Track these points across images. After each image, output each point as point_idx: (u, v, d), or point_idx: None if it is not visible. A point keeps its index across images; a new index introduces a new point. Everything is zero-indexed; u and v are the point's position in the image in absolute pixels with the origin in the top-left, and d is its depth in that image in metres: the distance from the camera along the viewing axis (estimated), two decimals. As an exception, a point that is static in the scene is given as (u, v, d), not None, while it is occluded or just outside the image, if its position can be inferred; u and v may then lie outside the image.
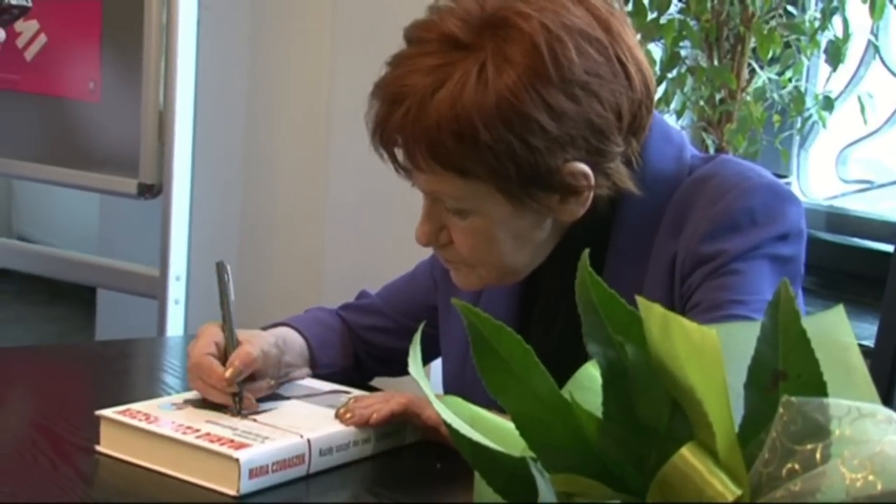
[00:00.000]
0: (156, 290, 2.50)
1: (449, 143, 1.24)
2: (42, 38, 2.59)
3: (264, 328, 1.51)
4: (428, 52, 1.26)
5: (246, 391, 1.36)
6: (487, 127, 1.23)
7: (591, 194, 1.30)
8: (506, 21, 1.25)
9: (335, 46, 2.65)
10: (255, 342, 1.41)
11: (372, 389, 1.49)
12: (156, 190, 2.47)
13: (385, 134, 1.28)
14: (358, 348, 1.58)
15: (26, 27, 2.59)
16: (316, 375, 1.50)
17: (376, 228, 2.58)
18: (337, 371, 1.52)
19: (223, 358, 1.38)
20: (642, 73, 1.30)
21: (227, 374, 1.35)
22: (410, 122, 1.25)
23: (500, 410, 0.76)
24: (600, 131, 1.27)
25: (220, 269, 1.43)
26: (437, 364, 1.55)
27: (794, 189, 2.56)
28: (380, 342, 1.58)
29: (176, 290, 2.49)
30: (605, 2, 1.30)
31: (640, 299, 0.70)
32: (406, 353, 0.78)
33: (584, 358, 0.76)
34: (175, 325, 2.49)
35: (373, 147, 1.30)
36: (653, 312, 0.69)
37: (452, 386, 1.49)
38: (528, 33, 1.24)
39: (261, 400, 1.39)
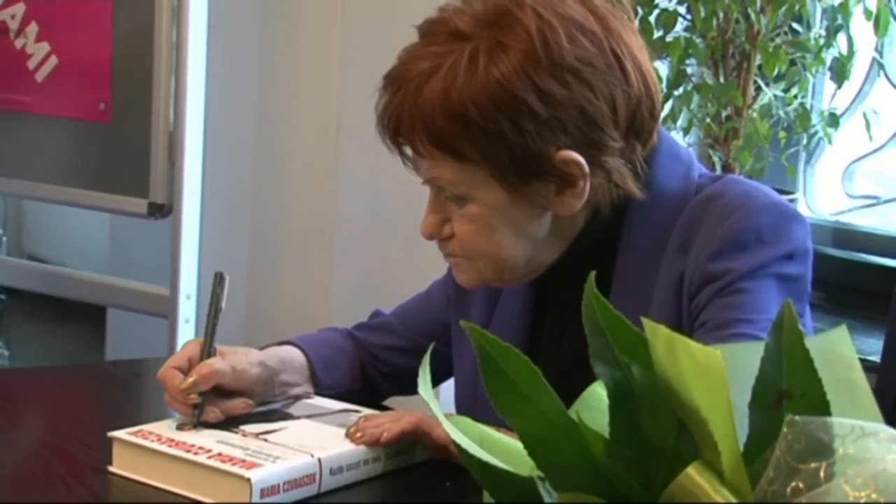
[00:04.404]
0: (166, 310, 2.51)
1: (442, 124, 1.28)
2: (53, 60, 2.60)
3: (264, 347, 1.51)
4: (433, 44, 1.31)
5: (216, 407, 1.36)
6: (477, 106, 1.27)
7: (587, 185, 1.31)
8: (504, 11, 1.30)
9: (345, 65, 2.67)
10: (231, 358, 1.41)
11: (382, 409, 1.50)
12: (166, 209, 2.48)
13: (388, 119, 1.32)
14: (371, 368, 1.59)
15: (38, 49, 2.61)
16: (324, 395, 1.51)
17: (386, 247, 2.59)
18: (344, 392, 1.53)
19: None
20: (642, 73, 1.33)
21: (183, 385, 1.36)
22: (408, 104, 1.30)
23: (510, 429, 0.77)
24: (592, 120, 1.29)
25: (217, 279, 1.43)
26: (447, 383, 1.56)
27: (801, 205, 2.57)
28: (394, 361, 1.58)
29: (186, 309, 2.50)
30: (612, 6, 1.33)
31: (645, 321, 0.71)
32: (420, 372, 0.79)
33: (594, 372, 0.77)
34: (185, 344, 2.50)
35: (379, 136, 1.34)
36: (658, 334, 0.70)
37: (464, 403, 1.50)
38: (522, 21, 1.28)
39: (270, 419, 1.39)
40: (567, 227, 1.36)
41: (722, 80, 2.31)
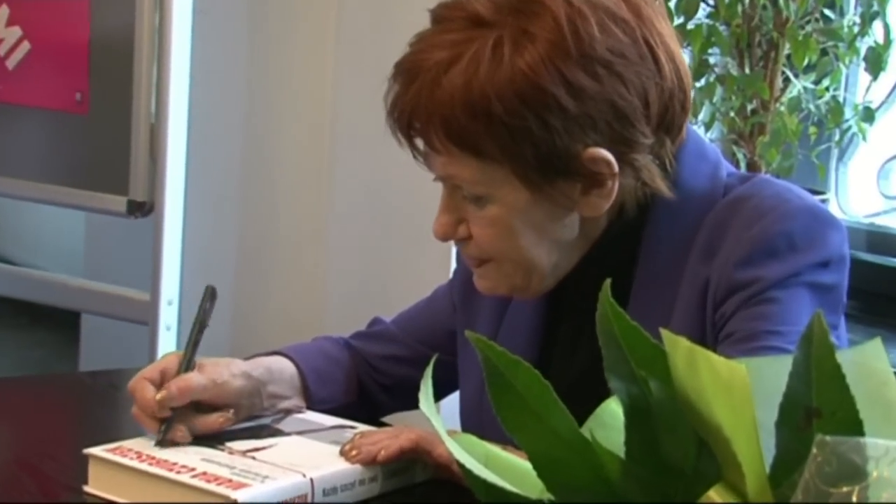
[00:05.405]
0: (146, 316, 2.51)
1: (462, 119, 1.27)
2: (25, 46, 2.61)
3: (250, 357, 1.51)
4: (450, 30, 1.30)
5: (195, 422, 1.37)
6: (502, 101, 1.26)
7: (616, 185, 1.31)
8: None
9: (339, 54, 2.67)
10: (210, 371, 1.40)
11: (380, 424, 1.50)
12: (147, 208, 2.48)
13: (400, 111, 1.31)
14: (369, 380, 1.59)
15: (8, 34, 2.62)
16: (317, 410, 1.51)
17: (383, 249, 2.59)
18: (339, 406, 1.53)
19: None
20: (675, 63, 1.32)
21: (158, 396, 1.35)
22: (424, 96, 1.29)
23: (518, 447, 0.78)
24: (624, 116, 1.29)
25: (208, 293, 1.42)
26: (451, 396, 1.56)
27: (832, 206, 2.57)
28: (394, 372, 1.58)
29: (168, 316, 2.50)
30: None
31: (664, 332, 0.71)
32: (424, 384, 0.79)
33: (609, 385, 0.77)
34: (167, 354, 2.50)
35: (389, 129, 1.33)
36: (678, 346, 0.70)
37: (469, 418, 1.50)
38: (550, 7, 1.27)
39: (258, 436, 1.40)
40: (590, 229, 1.36)
41: (747, 70, 2.31)
